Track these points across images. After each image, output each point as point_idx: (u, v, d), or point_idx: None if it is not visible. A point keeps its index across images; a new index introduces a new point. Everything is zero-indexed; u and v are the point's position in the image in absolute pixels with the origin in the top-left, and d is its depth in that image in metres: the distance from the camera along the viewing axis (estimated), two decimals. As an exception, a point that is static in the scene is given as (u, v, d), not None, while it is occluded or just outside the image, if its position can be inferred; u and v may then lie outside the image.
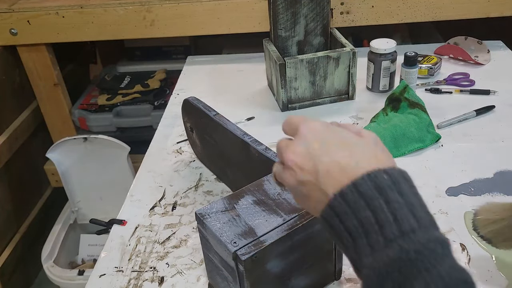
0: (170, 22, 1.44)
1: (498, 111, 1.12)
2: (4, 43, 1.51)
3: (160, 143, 1.11)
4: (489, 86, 1.20)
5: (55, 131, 1.70)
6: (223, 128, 0.86)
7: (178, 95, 1.31)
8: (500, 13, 1.40)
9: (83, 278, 1.47)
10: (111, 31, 1.47)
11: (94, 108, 1.70)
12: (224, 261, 0.61)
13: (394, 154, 0.99)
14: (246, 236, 0.59)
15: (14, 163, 1.60)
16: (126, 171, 1.56)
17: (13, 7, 1.45)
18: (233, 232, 0.60)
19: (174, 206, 0.91)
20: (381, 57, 1.17)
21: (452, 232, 0.80)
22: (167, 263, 0.79)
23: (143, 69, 1.88)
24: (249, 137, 0.82)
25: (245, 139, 0.82)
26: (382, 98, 1.15)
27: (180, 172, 1.00)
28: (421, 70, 1.25)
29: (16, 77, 1.61)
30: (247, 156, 0.81)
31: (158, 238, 0.84)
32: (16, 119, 1.61)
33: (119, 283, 0.76)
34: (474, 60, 1.32)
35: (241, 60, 1.47)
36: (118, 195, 1.11)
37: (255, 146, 0.79)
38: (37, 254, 1.57)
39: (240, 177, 0.86)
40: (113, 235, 0.86)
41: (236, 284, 0.60)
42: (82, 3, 1.44)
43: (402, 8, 1.40)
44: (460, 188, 0.89)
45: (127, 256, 0.81)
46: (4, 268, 1.52)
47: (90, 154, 1.57)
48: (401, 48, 1.30)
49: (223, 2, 1.41)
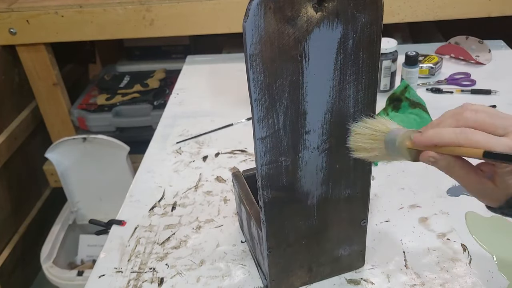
0: (169, 21, 1.44)
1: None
2: (3, 43, 1.50)
3: (159, 143, 1.10)
4: (490, 86, 1.20)
5: (54, 131, 1.70)
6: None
7: (177, 95, 1.31)
8: (501, 13, 1.39)
9: (82, 279, 1.47)
10: (110, 30, 1.46)
11: (93, 108, 1.70)
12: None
13: (395, 154, 0.98)
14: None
15: (13, 163, 1.59)
16: (125, 171, 1.56)
17: (12, 6, 1.45)
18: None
19: (173, 207, 0.91)
20: (382, 57, 1.16)
21: (453, 232, 0.79)
22: (167, 264, 0.78)
23: (142, 68, 1.88)
24: None
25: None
26: (383, 98, 1.14)
27: (179, 173, 1.00)
28: (422, 70, 1.25)
29: (15, 77, 1.61)
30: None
31: (157, 239, 0.83)
32: (15, 119, 1.61)
33: (119, 284, 0.75)
34: (475, 59, 1.32)
35: (241, 60, 1.47)
36: (117, 196, 1.10)
37: None
38: (36, 254, 1.57)
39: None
40: (113, 235, 0.85)
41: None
42: (81, 2, 1.43)
43: (403, 7, 1.39)
44: (461, 189, 0.89)
45: (127, 256, 0.80)
46: (3, 269, 1.51)
47: (89, 154, 1.56)
48: (402, 48, 1.30)
49: (223, 2, 1.40)
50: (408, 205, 0.86)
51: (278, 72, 0.53)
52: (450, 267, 0.74)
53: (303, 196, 0.64)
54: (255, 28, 0.49)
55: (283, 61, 0.52)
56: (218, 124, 1.15)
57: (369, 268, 0.74)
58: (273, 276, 0.69)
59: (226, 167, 1.00)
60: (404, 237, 0.79)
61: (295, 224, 0.66)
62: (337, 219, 0.68)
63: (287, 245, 0.67)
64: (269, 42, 0.51)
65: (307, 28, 0.51)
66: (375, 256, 0.76)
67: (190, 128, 1.15)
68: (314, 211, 0.66)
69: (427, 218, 0.83)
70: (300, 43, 0.52)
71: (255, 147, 0.58)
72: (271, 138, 0.57)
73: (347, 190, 0.65)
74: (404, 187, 0.90)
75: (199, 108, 1.24)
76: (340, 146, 0.61)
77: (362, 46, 0.55)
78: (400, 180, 0.92)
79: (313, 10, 0.51)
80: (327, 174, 0.63)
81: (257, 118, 0.55)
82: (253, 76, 0.52)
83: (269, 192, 0.61)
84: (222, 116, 1.18)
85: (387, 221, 0.83)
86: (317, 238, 0.68)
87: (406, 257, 0.76)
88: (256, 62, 0.51)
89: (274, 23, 0.50)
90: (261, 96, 0.54)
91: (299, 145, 0.59)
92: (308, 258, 0.70)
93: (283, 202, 0.63)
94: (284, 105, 0.55)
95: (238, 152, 1.05)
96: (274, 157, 0.59)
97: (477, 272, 0.72)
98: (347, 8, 0.52)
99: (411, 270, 0.74)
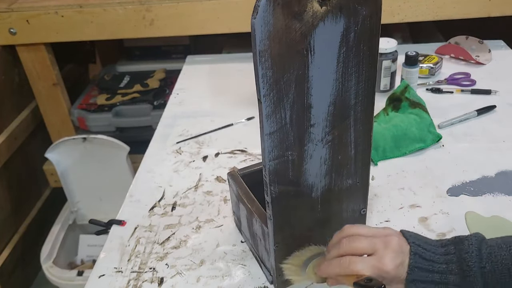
0: (169, 21, 1.44)
1: (499, 111, 1.11)
2: (3, 43, 1.50)
3: (159, 143, 1.10)
4: (490, 86, 1.20)
5: (54, 131, 1.69)
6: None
7: (177, 95, 1.31)
8: (501, 13, 1.39)
9: (82, 279, 1.47)
10: (110, 30, 1.46)
11: (93, 108, 1.70)
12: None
13: (395, 154, 0.99)
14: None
15: (13, 163, 1.59)
16: (125, 171, 1.56)
17: (12, 6, 1.45)
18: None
19: (173, 207, 0.91)
20: (382, 57, 1.16)
21: (453, 232, 0.79)
22: (167, 264, 0.78)
23: (142, 68, 1.88)
24: None
25: None
26: (383, 98, 1.14)
27: (179, 173, 1.00)
28: (422, 70, 1.25)
29: (15, 77, 1.61)
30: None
31: (157, 239, 0.83)
32: (15, 119, 1.60)
33: (119, 283, 0.75)
34: (475, 59, 1.32)
35: (241, 60, 1.47)
36: (117, 196, 1.10)
37: None
38: (36, 254, 1.57)
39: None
40: (113, 235, 0.85)
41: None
42: (81, 2, 1.43)
43: (403, 7, 1.39)
44: (461, 188, 0.89)
45: (127, 256, 0.80)
46: (3, 269, 1.51)
47: (89, 154, 1.56)
48: (402, 48, 1.30)
49: (223, 2, 1.40)
50: (408, 205, 0.86)
51: (286, 67, 0.54)
52: (450, 267, 0.73)
53: (307, 189, 0.65)
54: (264, 24, 0.51)
55: (290, 55, 0.54)
56: (218, 124, 1.15)
57: (369, 268, 0.74)
58: (279, 270, 0.69)
59: (226, 167, 1.00)
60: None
61: (300, 217, 0.67)
62: (339, 209, 0.69)
63: (293, 239, 0.68)
64: (277, 38, 0.52)
65: (313, 23, 0.53)
66: (375, 256, 0.76)
67: (190, 128, 1.15)
68: (318, 203, 0.67)
69: (427, 218, 0.83)
70: (306, 37, 0.53)
71: (263, 143, 0.59)
72: (279, 133, 0.58)
73: (348, 181, 0.67)
74: (404, 187, 0.90)
75: (199, 108, 1.24)
76: (341, 137, 0.63)
77: (363, 39, 0.56)
78: (400, 180, 0.92)
79: (318, 4, 0.52)
80: (330, 166, 0.65)
81: (266, 114, 0.56)
82: (262, 72, 0.53)
83: (276, 187, 0.62)
84: (222, 116, 1.18)
85: (387, 221, 0.83)
86: (321, 230, 0.69)
87: (406, 257, 0.76)
88: (265, 58, 0.52)
89: (282, 19, 0.51)
90: (269, 91, 0.55)
91: (304, 138, 0.61)
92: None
93: (289, 197, 0.64)
94: (291, 99, 0.57)
95: (238, 152, 1.05)
96: (281, 151, 0.60)
97: (477, 272, 0.72)
98: (349, 2, 0.53)
99: (411, 270, 0.73)
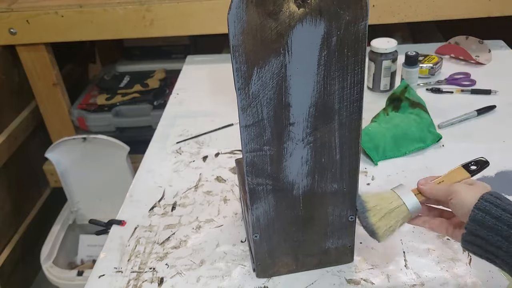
0: (169, 21, 1.44)
1: (499, 111, 1.11)
2: (3, 43, 1.50)
3: (159, 143, 1.10)
4: (490, 86, 1.20)
5: (54, 131, 1.69)
6: None
7: (177, 95, 1.31)
8: (501, 13, 1.39)
9: (82, 279, 1.47)
10: (110, 30, 1.46)
11: (93, 108, 1.70)
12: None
13: (395, 154, 0.99)
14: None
15: (13, 163, 1.59)
16: (125, 171, 1.56)
17: (12, 6, 1.45)
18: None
19: (173, 207, 0.91)
20: (382, 57, 1.16)
21: (454, 232, 0.79)
22: (167, 264, 0.78)
23: (142, 68, 1.88)
24: None
25: None
26: (383, 98, 1.14)
27: (179, 172, 1.00)
28: (422, 70, 1.25)
29: (15, 77, 1.61)
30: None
31: (157, 239, 0.83)
32: (15, 119, 1.60)
33: (119, 283, 0.75)
34: (475, 59, 1.32)
35: (241, 60, 1.47)
36: (117, 196, 1.10)
37: None
38: (36, 254, 1.57)
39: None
40: (113, 235, 0.85)
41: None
42: (81, 2, 1.43)
43: (403, 7, 1.39)
44: (461, 188, 0.88)
45: (127, 256, 0.80)
46: (3, 269, 1.51)
47: (89, 154, 1.56)
48: (402, 48, 1.30)
49: (223, 1, 1.40)
50: (408, 205, 0.86)
51: (261, 64, 0.55)
52: (450, 267, 0.74)
53: (288, 185, 0.65)
54: (237, 20, 0.52)
55: (265, 53, 0.54)
56: (218, 124, 1.15)
57: (369, 268, 0.74)
58: (259, 260, 0.71)
59: (226, 167, 1.00)
60: (404, 237, 0.79)
61: (280, 212, 0.67)
62: (323, 212, 0.69)
63: (273, 232, 0.69)
64: (251, 34, 0.53)
65: (290, 23, 0.53)
66: (375, 256, 0.76)
67: (190, 128, 1.15)
68: (299, 202, 0.67)
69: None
70: (282, 37, 0.54)
71: (240, 135, 0.60)
72: (255, 127, 0.59)
73: (333, 185, 0.67)
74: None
75: (199, 108, 1.24)
76: (325, 140, 0.63)
77: (347, 44, 0.56)
78: (400, 180, 0.92)
79: (296, 6, 0.52)
80: (313, 167, 0.64)
81: (241, 107, 0.58)
82: (236, 66, 0.55)
83: (254, 179, 0.63)
84: (222, 116, 1.18)
85: (387, 221, 0.83)
86: (303, 229, 0.70)
87: (406, 257, 0.76)
88: (239, 52, 0.54)
89: (257, 16, 0.52)
90: (244, 85, 0.56)
91: (283, 136, 0.61)
92: (294, 246, 0.71)
93: (267, 190, 0.65)
94: (268, 96, 0.58)
95: (238, 152, 1.05)
96: (258, 145, 0.61)
97: (476, 272, 0.72)
98: (330, 6, 0.53)
99: (411, 270, 0.74)
